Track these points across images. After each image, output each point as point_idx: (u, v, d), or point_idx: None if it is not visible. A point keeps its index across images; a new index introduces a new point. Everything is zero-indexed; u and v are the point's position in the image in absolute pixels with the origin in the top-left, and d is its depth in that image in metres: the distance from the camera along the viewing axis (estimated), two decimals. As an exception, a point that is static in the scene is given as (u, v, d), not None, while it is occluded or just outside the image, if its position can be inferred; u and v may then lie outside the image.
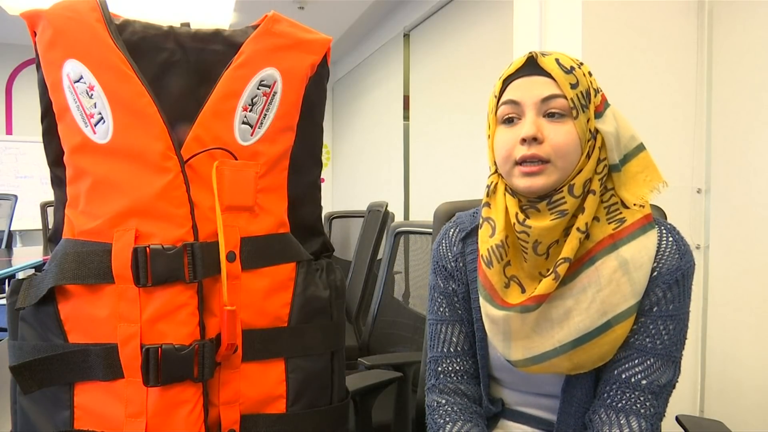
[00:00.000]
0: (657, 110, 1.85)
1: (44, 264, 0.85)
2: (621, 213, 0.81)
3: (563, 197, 0.78)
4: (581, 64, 0.81)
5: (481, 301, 0.85)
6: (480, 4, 2.96)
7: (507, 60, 0.84)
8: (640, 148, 0.84)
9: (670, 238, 0.81)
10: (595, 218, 0.80)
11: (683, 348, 0.81)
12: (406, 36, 3.91)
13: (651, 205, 0.96)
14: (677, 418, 1.01)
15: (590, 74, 0.82)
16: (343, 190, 5.68)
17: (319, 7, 4.15)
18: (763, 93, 1.69)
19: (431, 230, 1.15)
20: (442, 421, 0.88)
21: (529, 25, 1.97)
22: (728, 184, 1.80)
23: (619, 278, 0.77)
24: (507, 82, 0.82)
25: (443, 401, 0.90)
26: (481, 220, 0.88)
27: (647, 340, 0.79)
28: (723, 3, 1.81)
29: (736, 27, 1.77)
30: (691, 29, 1.87)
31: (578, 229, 0.78)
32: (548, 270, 0.80)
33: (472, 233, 0.92)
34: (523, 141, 0.78)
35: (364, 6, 4.10)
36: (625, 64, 1.81)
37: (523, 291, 0.82)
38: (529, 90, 0.79)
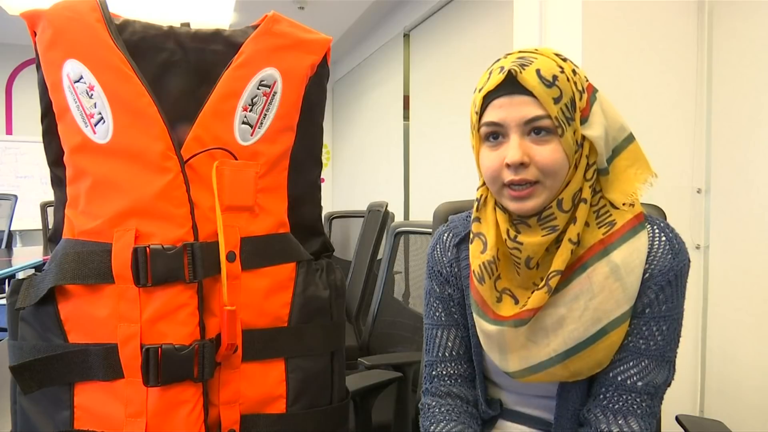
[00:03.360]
0: (657, 110, 1.85)
1: (44, 264, 0.85)
2: (611, 216, 0.79)
3: (553, 213, 0.77)
4: (564, 61, 0.77)
5: (475, 316, 0.84)
6: (480, 4, 2.96)
7: (507, 60, 0.82)
8: (630, 139, 0.82)
9: (663, 238, 0.79)
10: (585, 224, 0.79)
11: (677, 347, 0.80)
12: (406, 36, 3.91)
13: (650, 205, 0.96)
14: (677, 418, 1.01)
15: (574, 72, 0.77)
16: (343, 190, 5.68)
17: (319, 7, 4.15)
18: (763, 93, 1.69)
19: (431, 230, 1.15)
20: (427, 423, 0.88)
21: (529, 25, 1.97)
22: (728, 184, 1.80)
23: (612, 284, 0.76)
24: (487, 99, 0.77)
25: (433, 403, 0.90)
26: (472, 235, 0.87)
27: (641, 341, 0.78)
28: (723, 3, 1.81)
29: (736, 27, 1.77)
30: (691, 29, 1.87)
31: (570, 240, 0.77)
32: (541, 279, 0.79)
33: (466, 238, 0.91)
34: (509, 166, 0.76)
35: (364, 6, 4.10)
36: (625, 64, 1.81)
37: (516, 302, 0.81)
38: (512, 111, 0.75)
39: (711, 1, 1.84)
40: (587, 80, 0.80)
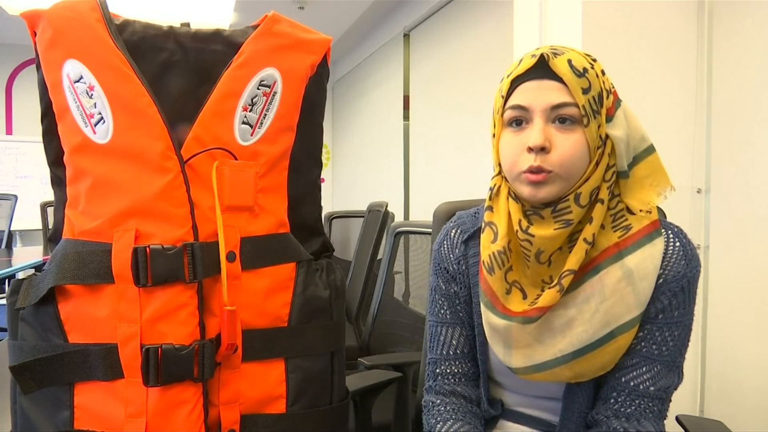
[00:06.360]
0: (657, 110, 1.85)
1: (44, 264, 0.85)
2: (627, 220, 0.79)
3: (569, 206, 0.76)
4: (594, 61, 0.77)
5: (483, 308, 0.84)
6: (480, 4, 2.96)
7: (507, 60, 0.83)
8: (650, 150, 0.82)
9: (677, 243, 0.79)
10: (601, 226, 0.78)
11: (686, 352, 0.80)
12: (406, 36, 3.91)
13: (651, 205, 0.96)
14: (677, 418, 1.01)
15: (603, 73, 0.78)
16: (343, 190, 5.68)
17: (319, 7, 4.15)
18: (763, 93, 1.69)
19: (431, 230, 1.15)
20: (433, 420, 0.88)
21: (529, 25, 1.97)
22: (728, 184, 1.80)
23: (624, 289, 0.75)
24: (515, 83, 0.78)
25: (438, 401, 0.90)
26: (483, 224, 0.86)
27: (654, 347, 0.77)
28: (723, 3, 1.81)
29: (736, 27, 1.77)
30: (691, 29, 1.87)
31: (585, 239, 0.76)
32: (551, 277, 0.79)
33: (474, 235, 0.90)
34: (530, 149, 0.75)
35: (364, 6, 4.10)
36: (625, 64, 1.81)
37: (525, 297, 0.80)
38: (539, 96, 0.75)
39: (711, 1, 1.84)
40: (613, 87, 0.80)
